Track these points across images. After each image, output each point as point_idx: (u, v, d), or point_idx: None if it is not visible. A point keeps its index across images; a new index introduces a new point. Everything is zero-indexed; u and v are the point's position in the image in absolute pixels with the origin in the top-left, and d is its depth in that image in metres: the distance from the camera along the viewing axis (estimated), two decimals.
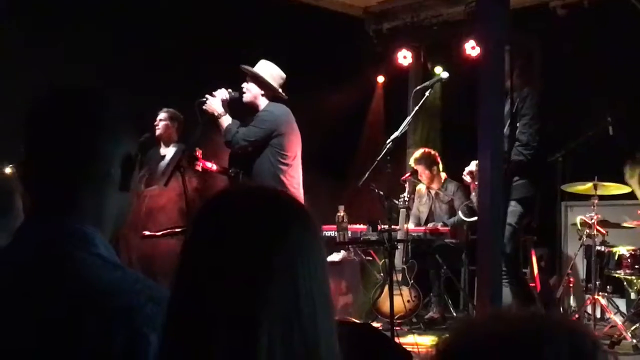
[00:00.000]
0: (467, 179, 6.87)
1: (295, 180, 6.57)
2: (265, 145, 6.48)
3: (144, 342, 1.53)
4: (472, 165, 6.51)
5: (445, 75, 6.95)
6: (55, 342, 1.56)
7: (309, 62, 8.17)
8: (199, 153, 6.45)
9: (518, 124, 6.20)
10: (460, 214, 8.33)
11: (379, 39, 10.98)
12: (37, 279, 1.63)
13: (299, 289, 1.34)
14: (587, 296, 7.60)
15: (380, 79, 11.40)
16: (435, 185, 8.88)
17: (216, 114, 6.52)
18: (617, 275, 7.50)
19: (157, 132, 8.33)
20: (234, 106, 6.66)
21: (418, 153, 8.86)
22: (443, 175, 8.93)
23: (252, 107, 6.65)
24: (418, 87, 6.99)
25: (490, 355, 1.00)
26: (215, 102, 6.52)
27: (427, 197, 8.94)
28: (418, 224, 8.88)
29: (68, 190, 1.73)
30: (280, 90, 6.63)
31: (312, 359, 1.33)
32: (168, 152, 8.37)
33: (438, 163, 8.84)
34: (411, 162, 8.84)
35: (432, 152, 8.91)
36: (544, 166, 6.77)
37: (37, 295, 1.61)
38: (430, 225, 8.72)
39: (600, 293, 7.40)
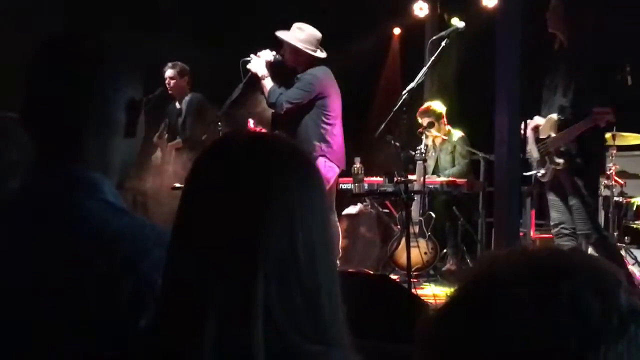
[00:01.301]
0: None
1: (339, 139, 6.71)
2: (309, 106, 6.60)
3: (152, 286, 1.54)
4: (536, 120, 6.29)
5: (461, 25, 6.87)
6: (64, 287, 1.57)
7: (325, 15, 8.10)
8: (251, 123, 6.58)
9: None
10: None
11: None
12: (45, 226, 1.63)
13: (296, 236, 1.33)
14: None
15: (397, 30, 11.33)
16: (440, 137, 8.84)
17: (260, 74, 6.62)
18: (635, 226, 7.49)
19: (169, 89, 8.32)
20: (278, 68, 6.73)
21: (423, 107, 8.79)
22: (448, 127, 8.89)
23: (294, 69, 6.72)
24: (434, 37, 6.93)
25: (509, 285, 1.00)
26: (259, 62, 6.63)
27: (432, 150, 8.91)
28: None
29: (72, 136, 1.72)
30: (317, 52, 6.69)
31: (311, 307, 1.33)
32: (183, 104, 8.38)
33: (442, 116, 8.78)
34: (419, 114, 8.77)
35: (432, 106, 8.81)
36: None
37: (45, 243, 1.61)
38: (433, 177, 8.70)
39: (618, 244, 7.38)
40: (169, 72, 8.33)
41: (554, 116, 5.82)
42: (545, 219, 8.43)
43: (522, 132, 6.16)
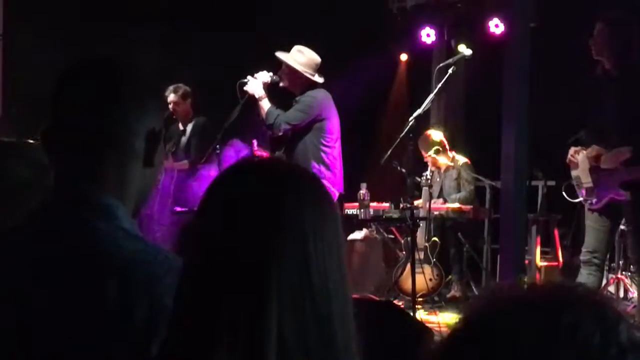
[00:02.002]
0: (574, 158, 6.59)
1: (337, 162, 6.64)
2: (308, 128, 6.54)
3: (165, 313, 1.54)
4: (595, 149, 6.18)
5: (468, 52, 6.92)
6: (77, 312, 1.57)
7: (333, 40, 8.14)
8: (254, 144, 6.54)
9: None
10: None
11: (402, 17, 10.93)
12: (60, 249, 1.64)
13: (310, 263, 1.33)
14: (611, 275, 7.57)
15: (404, 56, 11.37)
16: (444, 163, 8.84)
17: (257, 95, 6.53)
18: None
19: (173, 113, 8.33)
20: (271, 89, 6.69)
21: (421, 136, 8.77)
22: (452, 153, 8.90)
23: (291, 92, 6.69)
24: (441, 65, 6.97)
25: (509, 319, 1.00)
26: (256, 83, 6.55)
27: (437, 175, 8.92)
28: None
29: (92, 161, 1.74)
30: (315, 76, 6.64)
31: (324, 335, 1.33)
32: (188, 127, 8.40)
33: (442, 143, 8.77)
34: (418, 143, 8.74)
35: (431, 134, 8.80)
36: None
37: (59, 266, 1.62)
38: (440, 202, 8.68)
39: (623, 272, 7.37)
40: (171, 97, 8.32)
41: (626, 150, 5.68)
42: (550, 246, 8.44)
43: (569, 157, 6.06)
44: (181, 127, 8.47)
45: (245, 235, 1.33)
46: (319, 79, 6.65)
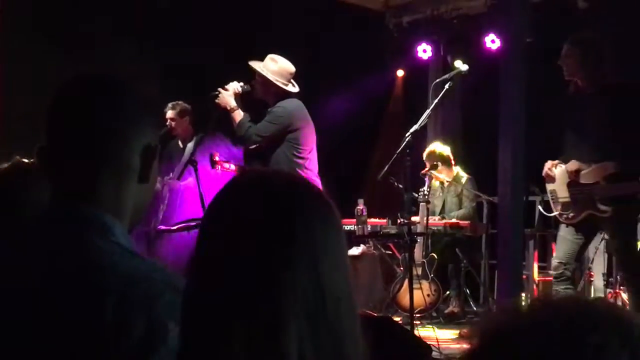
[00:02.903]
0: (550, 172, 6.60)
1: (312, 173, 6.51)
2: (280, 140, 6.42)
3: (163, 330, 1.53)
4: (575, 164, 6.20)
5: (465, 68, 6.92)
6: (74, 329, 1.56)
7: (329, 56, 8.16)
8: (216, 156, 6.43)
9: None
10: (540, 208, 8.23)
11: (399, 33, 10.96)
12: (56, 266, 1.63)
13: (322, 282, 1.31)
14: (609, 290, 7.56)
15: (400, 72, 11.39)
16: (444, 180, 8.85)
17: (229, 107, 6.43)
18: None
19: (172, 130, 8.30)
20: (247, 98, 6.63)
21: (427, 150, 8.79)
22: (457, 169, 8.91)
23: (264, 101, 6.62)
24: (438, 80, 6.98)
25: (533, 338, 0.98)
26: (227, 95, 6.45)
27: (440, 191, 8.92)
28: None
29: (88, 178, 1.73)
30: (289, 85, 6.52)
31: (340, 351, 1.31)
32: (189, 145, 8.37)
33: (448, 158, 8.79)
34: (425, 157, 8.78)
35: (436, 149, 8.83)
36: None
37: (56, 283, 1.61)
38: (437, 218, 8.68)
39: (621, 287, 7.35)
40: (169, 113, 8.28)
41: (609, 165, 5.69)
42: (548, 261, 8.42)
43: (545, 170, 6.06)
44: (181, 145, 8.43)
45: (254, 258, 1.30)
46: (292, 89, 6.52)
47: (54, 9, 8.31)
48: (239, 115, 6.42)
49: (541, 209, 7.48)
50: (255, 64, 6.51)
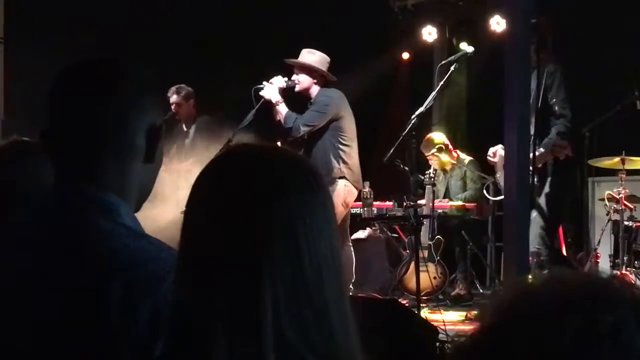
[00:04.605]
0: (493, 159, 6.79)
1: (356, 160, 6.75)
2: (325, 129, 6.62)
3: (169, 311, 1.54)
4: (498, 147, 6.44)
5: (470, 49, 6.90)
6: (82, 311, 1.57)
7: (334, 39, 8.13)
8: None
9: (555, 99, 6.17)
10: (485, 192, 8.30)
11: (403, 15, 10.93)
12: (63, 248, 1.63)
13: (301, 249, 1.31)
14: (615, 272, 7.55)
15: (405, 55, 11.36)
16: (448, 162, 8.83)
17: (274, 100, 6.63)
18: None
19: (176, 114, 8.31)
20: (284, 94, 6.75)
21: (424, 139, 8.75)
22: (457, 153, 8.89)
23: (305, 96, 6.76)
24: (443, 62, 6.96)
25: (544, 316, 0.97)
26: (272, 89, 6.63)
27: (442, 174, 8.91)
28: None
29: (92, 160, 1.73)
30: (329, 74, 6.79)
31: (322, 324, 1.31)
32: (192, 128, 8.37)
33: (445, 144, 8.76)
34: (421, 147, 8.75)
35: (433, 137, 8.80)
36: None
37: (62, 265, 1.62)
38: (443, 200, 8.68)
39: (628, 268, 7.36)
40: (174, 98, 8.30)
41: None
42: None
43: (488, 158, 6.55)
44: (185, 128, 8.45)
45: (232, 226, 1.32)
46: (333, 77, 6.80)
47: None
48: (284, 108, 6.66)
49: (486, 194, 7.61)
50: (294, 60, 6.75)
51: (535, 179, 5.89)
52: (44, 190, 1.76)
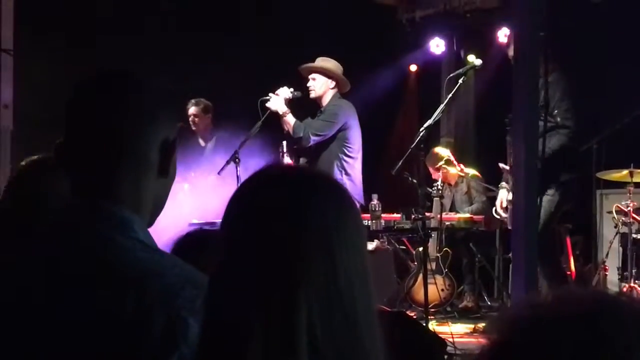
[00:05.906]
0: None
1: (359, 173, 6.77)
2: (332, 138, 6.65)
3: (182, 325, 1.54)
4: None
5: (478, 62, 6.91)
6: (95, 325, 1.57)
7: (342, 51, 8.15)
8: (284, 146, 6.64)
9: (557, 110, 6.16)
10: (494, 212, 8.28)
11: (412, 28, 10.95)
12: (77, 263, 1.64)
13: (335, 263, 1.33)
14: (623, 284, 7.54)
15: (413, 67, 11.38)
16: (454, 174, 8.83)
17: (280, 112, 6.67)
18: None
19: (193, 127, 8.31)
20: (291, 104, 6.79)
21: (430, 153, 8.75)
22: (459, 167, 8.89)
23: (318, 103, 6.79)
24: (451, 75, 6.97)
25: (552, 331, 0.98)
26: (278, 100, 6.66)
27: (448, 189, 8.92)
28: None
29: (106, 174, 1.73)
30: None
31: (353, 336, 1.33)
32: (209, 144, 8.34)
33: (449, 159, 8.75)
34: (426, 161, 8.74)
35: (438, 151, 8.80)
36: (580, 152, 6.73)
37: (76, 279, 1.62)
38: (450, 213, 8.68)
39: (636, 281, 7.34)
40: (192, 110, 8.32)
41: None
42: (562, 255, 8.40)
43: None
44: (202, 143, 8.44)
45: (270, 237, 1.34)
46: (347, 84, 6.91)
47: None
48: (292, 118, 6.70)
49: (494, 214, 7.60)
50: (314, 65, 6.83)
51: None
52: (61, 205, 1.77)
